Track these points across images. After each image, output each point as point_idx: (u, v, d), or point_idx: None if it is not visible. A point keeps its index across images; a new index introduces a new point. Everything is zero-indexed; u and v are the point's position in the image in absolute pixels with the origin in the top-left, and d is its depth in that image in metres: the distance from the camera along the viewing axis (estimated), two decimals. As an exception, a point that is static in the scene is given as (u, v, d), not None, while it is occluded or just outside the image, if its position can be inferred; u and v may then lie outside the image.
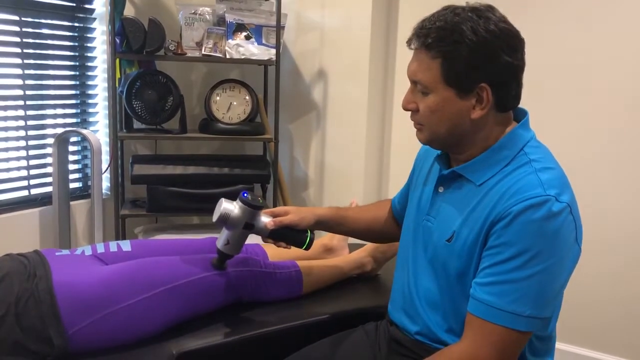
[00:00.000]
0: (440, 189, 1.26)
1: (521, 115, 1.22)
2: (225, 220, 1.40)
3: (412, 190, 1.39)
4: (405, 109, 1.21)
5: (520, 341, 1.11)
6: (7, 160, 2.37)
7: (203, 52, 2.53)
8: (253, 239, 1.54)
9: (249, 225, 1.41)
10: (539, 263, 1.06)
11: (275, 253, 1.72)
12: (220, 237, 1.45)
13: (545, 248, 1.06)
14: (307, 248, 1.46)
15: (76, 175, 2.66)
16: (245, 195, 1.41)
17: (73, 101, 2.60)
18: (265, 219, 1.42)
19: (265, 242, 1.46)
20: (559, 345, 2.33)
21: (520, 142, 1.17)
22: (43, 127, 2.48)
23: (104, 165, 2.56)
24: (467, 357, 1.11)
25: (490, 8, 1.14)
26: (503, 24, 1.12)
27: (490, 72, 1.11)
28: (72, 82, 2.58)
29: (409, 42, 1.17)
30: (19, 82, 2.36)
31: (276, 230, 1.42)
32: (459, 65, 1.10)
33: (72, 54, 2.55)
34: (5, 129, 2.35)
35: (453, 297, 1.20)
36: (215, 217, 1.41)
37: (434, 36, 1.11)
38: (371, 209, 1.59)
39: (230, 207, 1.40)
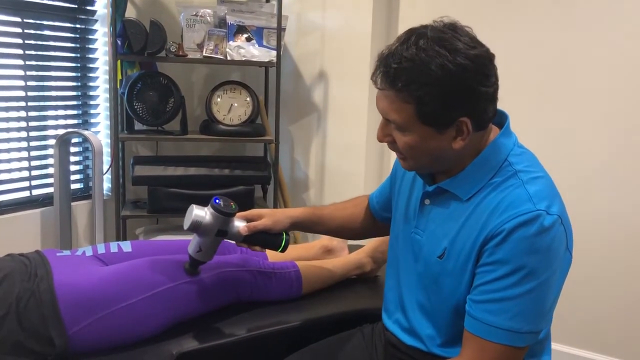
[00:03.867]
0: (427, 202, 1.23)
1: (502, 119, 1.19)
2: (197, 228, 1.35)
3: (396, 196, 1.37)
4: (381, 142, 1.18)
5: (518, 356, 1.11)
6: (8, 161, 2.38)
7: (204, 54, 2.54)
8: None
9: (221, 232, 1.37)
10: (535, 279, 1.05)
11: (274, 254, 1.73)
12: (192, 243, 1.41)
13: (539, 264, 1.05)
14: (283, 251, 1.43)
15: (77, 176, 2.67)
16: (217, 201, 1.35)
17: (74, 102, 2.61)
18: (239, 224, 1.38)
19: (239, 245, 1.43)
20: (555, 347, 2.34)
21: (503, 152, 1.14)
22: (44, 128, 2.49)
23: (105, 166, 2.56)
24: None
25: (454, 29, 1.07)
26: (472, 51, 1.04)
27: (467, 107, 1.07)
28: (74, 84, 2.59)
29: (374, 80, 1.10)
30: (21, 83, 2.37)
31: (250, 235, 1.39)
32: (433, 106, 1.05)
33: (73, 55, 2.56)
34: (7, 129, 2.36)
35: (446, 312, 1.19)
36: (186, 225, 1.35)
37: (402, 79, 1.05)
38: (347, 207, 1.56)
39: (201, 213, 1.35)
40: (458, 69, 1.03)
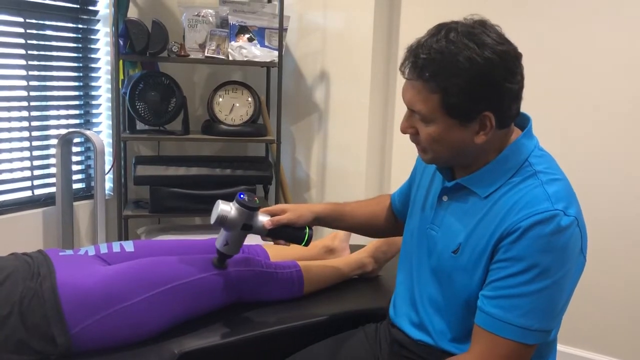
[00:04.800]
0: (445, 198, 1.24)
1: (524, 122, 1.20)
2: (223, 222, 1.40)
3: (414, 192, 1.38)
4: (404, 133, 1.19)
5: (528, 354, 1.11)
6: (10, 160, 2.38)
7: (206, 54, 2.54)
8: (253, 239, 1.55)
9: (246, 226, 1.41)
10: (548, 277, 1.06)
11: (276, 253, 1.73)
12: (219, 238, 1.45)
13: (553, 263, 1.06)
14: (307, 244, 1.45)
15: (79, 176, 2.67)
16: (242, 196, 1.40)
17: (76, 102, 2.61)
18: (263, 218, 1.42)
19: (264, 240, 1.46)
20: (560, 348, 2.34)
21: (524, 152, 1.16)
22: (47, 127, 2.49)
23: (107, 166, 2.57)
24: None
25: (484, 26, 1.09)
26: (500, 47, 1.07)
27: (492, 101, 1.08)
28: (76, 84, 2.59)
29: (402, 70, 1.13)
30: (23, 83, 2.37)
31: (274, 229, 1.42)
32: (459, 98, 1.07)
33: (75, 55, 2.57)
34: (9, 129, 2.36)
35: (457, 307, 1.20)
36: (212, 219, 1.40)
37: (430, 70, 1.07)
38: (370, 205, 1.58)
39: (227, 208, 1.40)
40: (485, 62, 1.05)
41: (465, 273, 1.16)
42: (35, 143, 2.46)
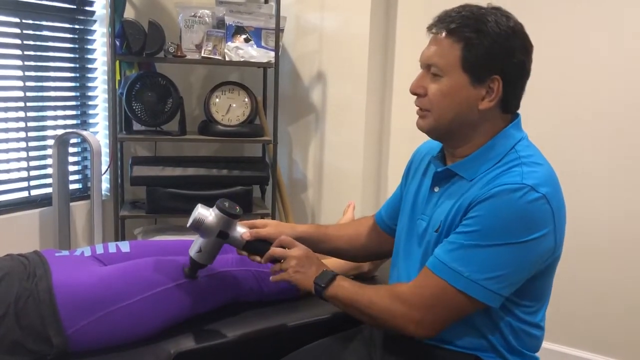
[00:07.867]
0: (436, 189, 1.28)
1: (514, 116, 1.26)
2: (199, 226, 1.35)
3: (406, 189, 1.41)
4: (414, 92, 1.24)
5: (460, 304, 1.15)
6: (7, 161, 2.38)
7: (202, 55, 2.54)
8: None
9: (223, 233, 1.36)
10: (499, 239, 1.11)
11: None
12: (194, 245, 1.41)
13: (510, 229, 1.11)
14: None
15: (76, 177, 2.67)
16: (222, 202, 1.36)
17: (73, 103, 2.61)
18: (241, 230, 1.38)
19: (239, 254, 1.42)
20: (554, 347, 2.35)
21: (511, 141, 1.22)
22: (43, 128, 2.49)
23: (104, 166, 2.57)
24: (406, 296, 1.19)
25: (509, 13, 1.21)
26: (520, 27, 1.19)
27: (505, 67, 1.17)
28: (72, 84, 2.59)
29: (430, 28, 1.21)
30: (20, 83, 2.37)
31: (252, 243, 1.37)
32: (478, 53, 1.16)
33: (72, 55, 2.57)
34: (6, 130, 2.36)
35: None
36: (189, 222, 1.36)
37: (459, 22, 1.17)
38: (352, 225, 1.62)
39: (205, 213, 1.36)
40: (508, 29, 1.17)
41: None
42: (31, 143, 2.45)
